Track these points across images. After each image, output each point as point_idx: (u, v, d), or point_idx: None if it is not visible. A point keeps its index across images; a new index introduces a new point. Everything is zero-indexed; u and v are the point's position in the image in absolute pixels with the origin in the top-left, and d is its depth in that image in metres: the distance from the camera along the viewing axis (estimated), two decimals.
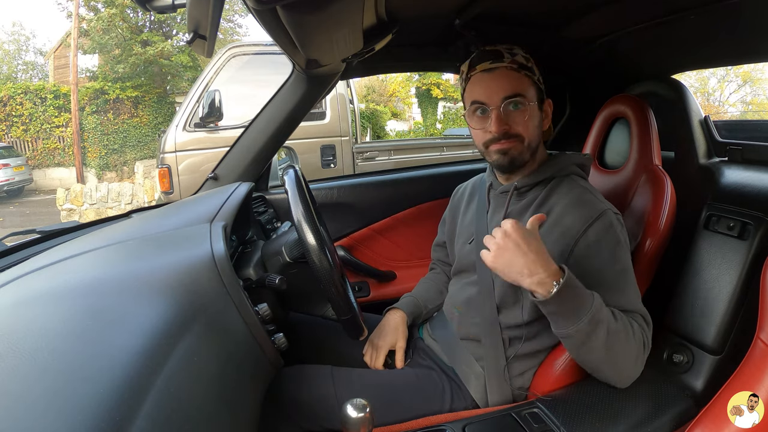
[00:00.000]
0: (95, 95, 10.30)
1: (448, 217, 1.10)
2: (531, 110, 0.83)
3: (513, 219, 0.71)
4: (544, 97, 0.87)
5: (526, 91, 0.83)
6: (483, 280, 0.90)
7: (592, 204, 0.81)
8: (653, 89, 1.35)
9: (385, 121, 12.03)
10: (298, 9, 0.57)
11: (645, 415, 0.83)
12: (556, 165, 0.88)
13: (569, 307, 0.70)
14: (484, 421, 0.80)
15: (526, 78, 0.83)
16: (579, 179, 0.88)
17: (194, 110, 3.25)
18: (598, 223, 0.79)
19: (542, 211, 0.84)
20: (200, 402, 0.48)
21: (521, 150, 0.84)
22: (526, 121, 0.83)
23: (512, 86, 0.82)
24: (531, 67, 0.84)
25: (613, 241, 0.79)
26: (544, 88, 0.88)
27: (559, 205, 0.83)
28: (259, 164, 1.30)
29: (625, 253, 0.81)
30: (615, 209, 0.83)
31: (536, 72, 0.86)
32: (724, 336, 0.90)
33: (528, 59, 0.84)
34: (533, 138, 0.85)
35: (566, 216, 0.81)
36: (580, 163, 0.90)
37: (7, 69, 15.12)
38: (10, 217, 7.58)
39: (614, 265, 0.79)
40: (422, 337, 1.05)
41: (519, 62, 0.83)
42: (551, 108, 0.89)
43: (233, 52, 3.37)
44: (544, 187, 0.87)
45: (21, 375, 0.39)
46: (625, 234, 0.82)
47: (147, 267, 0.61)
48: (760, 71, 14.30)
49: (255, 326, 0.63)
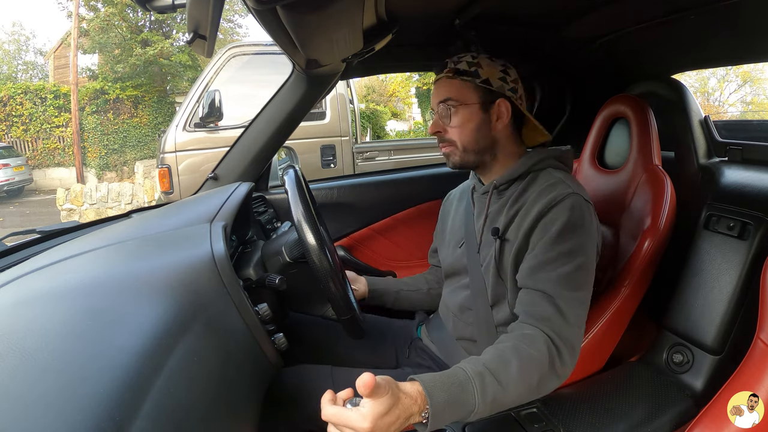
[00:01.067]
0: (95, 95, 10.29)
1: (440, 224, 1.11)
2: (464, 113, 0.86)
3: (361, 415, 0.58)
4: (496, 98, 0.86)
5: (458, 94, 0.86)
6: (475, 281, 0.90)
7: (559, 189, 0.80)
8: (653, 89, 1.35)
9: (385, 121, 12.03)
10: (298, 9, 0.57)
11: (645, 415, 0.83)
12: (532, 160, 0.88)
13: (453, 415, 0.64)
14: (484, 421, 0.80)
15: (462, 83, 0.86)
16: (555, 171, 0.87)
17: (194, 110, 3.25)
18: (560, 204, 0.78)
19: (518, 205, 0.84)
20: (200, 402, 0.48)
21: (458, 154, 0.88)
22: (458, 124, 0.86)
23: (445, 92, 0.87)
24: (474, 71, 0.86)
25: (569, 220, 0.76)
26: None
27: (532, 196, 0.83)
28: (259, 164, 1.30)
29: (578, 235, 0.76)
30: (585, 195, 0.81)
31: (484, 75, 0.85)
32: (724, 336, 0.90)
33: (472, 64, 0.86)
34: (469, 141, 0.87)
35: (535, 204, 0.81)
36: (557, 155, 0.89)
37: (7, 69, 15.12)
38: (10, 217, 7.58)
39: (560, 243, 0.75)
40: (420, 337, 1.05)
41: (458, 69, 0.86)
42: (508, 108, 0.86)
43: (233, 52, 3.37)
44: (521, 182, 0.87)
45: (21, 375, 0.39)
46: (589, 220, 0.79)
47: (147, 267, 0.61)
48: (760, 71, 14.30)
49: (255, 326, 0.63)
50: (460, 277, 0.96)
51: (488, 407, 0.65)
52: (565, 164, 0.90)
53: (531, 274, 0.77)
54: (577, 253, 0.75)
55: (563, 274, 0.74)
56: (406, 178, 1.65)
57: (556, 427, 0.79)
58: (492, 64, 0.88)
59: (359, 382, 0.56)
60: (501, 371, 0.66)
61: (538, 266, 0.76)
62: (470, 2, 0.96)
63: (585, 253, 0.76)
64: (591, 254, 0.78)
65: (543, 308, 0.73)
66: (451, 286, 0.99)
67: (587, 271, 0.77)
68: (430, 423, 0.61)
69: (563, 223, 0.76)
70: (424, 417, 0.61)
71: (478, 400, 0.64)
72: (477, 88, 0.86)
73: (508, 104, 0.87)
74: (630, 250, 0.95)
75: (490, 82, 0.86)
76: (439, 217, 1.11)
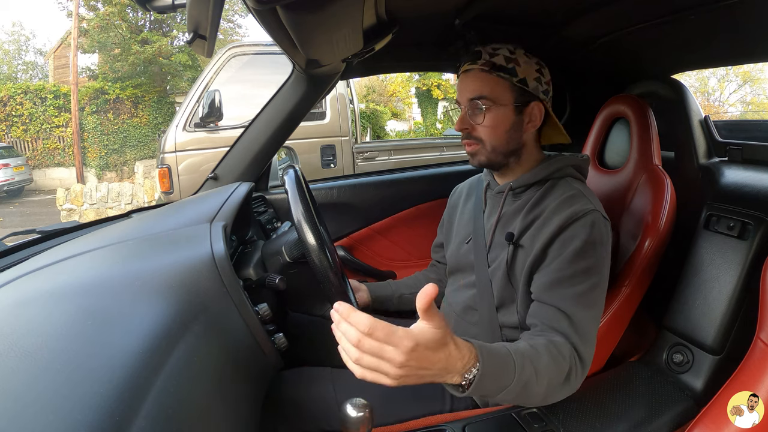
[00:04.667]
0: (95, 95, 10.29)
1: (446, 217, 1.10)
2: (498, 113, 0.81)
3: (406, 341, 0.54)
4: (530, 100, 0.82)
5: (494, 93, 0.81)
6: (481, 280, 0.89)
7: (580, 204, 0.79)
8: (653, 89, 1.35)
9: (385, 121, 12.03)
10: (298, 9, 0.57)
11: (645, 415, 0.83)
12: (552, 166, 0.86)
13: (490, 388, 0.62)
14: (484, 421, 0.80)
15: (498, 79, 0.81)
16: (574, 181, 0.86)
17: (194, 110, 3.25)
18: (580, 220, 0.77)
19: (535, 212, 0.83)
20: (200, 402, 0.48)
21: (485, 154, 0.85)
22: (491, 125, 0.82)
23: (478, 88, 0.81)
24: (511, 68, 0.80)
25: (588, 239, 0.76)
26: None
27: (551, 206, 0.81)
28: (259, 164, 1.30)
29: (596, 254, 0.76)
30: (604, 214, 0.80)
31: (521, 74, 0.81)
32: (724, 336, 0.90)
33: (510, 60, 0.81)
34: (499, 143, 0.83)
35: (554, 216, 0.80)
36: (577, 164, 0.88)
37: (7, 69, 15.12)
38: (10, 217, 7.58)
39: (578, 261, 0.75)
40: None
41: (495, 63, 0.80)
42: (541, 111, 0.83)
43: (233, 52, 3.37)
44: (540, 189, 0.86)
45: (21, 375, 0.39)
46: (606, 238, 0.79)
47: (147, 267, 0.61)
48: (760, 71, 14.30)
49: (255, 326, 0.63)
50: (464, 275, 0.95)
51: (517, 391, 0.63)
52: (583, 174, 0.89)
53: (547, 289, 0.76)
54: (592, 272, 0.75)
55: (579, 292, 0.74)
56: (406, 178, 1.65)
57: (556, 427, 0.79)
58: (529, 61, 0.83)
59: (422, 291, 0.52)
60: (536, 359, 0.66)
61: (555, 282, 0.76)
62: (470, 2, 0.96)
63: (600, 272, 0.76)
64: (606, 272, 0.78)
65: (559, 324, 0.74)
66: (456, 284, 0.98)
67: (601, 289, 0.77)
68: (473, 386, 0.59)
69: (583, 240, 0.76)
70: (466, 379, 0.59)
71: (516, 378, 0.62)
72: (513, 87, 0.81)
73: (541, 107, 0.83)
74: (630, 250, 0.95)
75: (526, 82, 0.81)
76: (446, 211, 1.10)
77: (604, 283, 0.78)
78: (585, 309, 0.74)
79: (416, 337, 0.54)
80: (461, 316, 0.94)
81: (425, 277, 1.15)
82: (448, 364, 0.57)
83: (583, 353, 0.72)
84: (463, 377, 0.59)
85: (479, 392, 0.60)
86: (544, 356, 0.67)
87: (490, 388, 0.61)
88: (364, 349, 0.53)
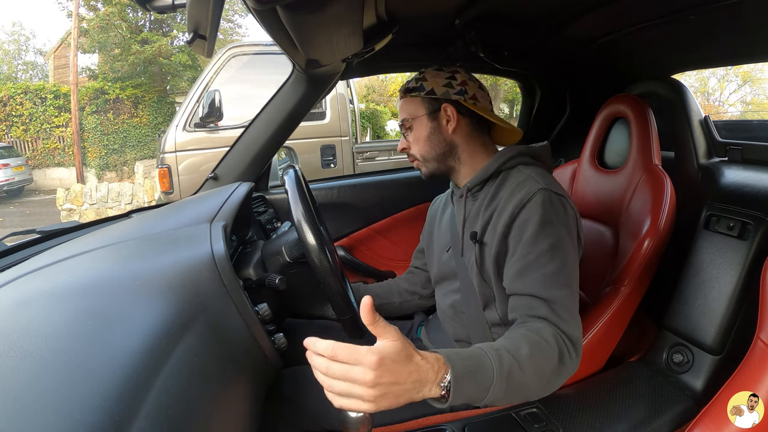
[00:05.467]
0: (95, 95, 10.29)
1: (426, 227, 1.10)
2: (417, 127, 0.92)
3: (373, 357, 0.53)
4: (440, 104, 0.89)
5: (410, 112, 0.92)
6: (464, 285, 0.90)
7: (529, 186, 0.80)
8: (653, 89, 1.35)
9: (385, 121, 12.02)
10: (298, 9, 0.57)
11: (645, 415, 0.83)
12: (500, 159, 0.88)
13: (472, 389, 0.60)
14: (484, 421, 0.80)
15: (411, 99, 0.92)
16: (526, 168, 0.86)
17: (194, 110, 3.25)
18: (531, 202, 0.77)
19: (492, 207, 0.84)
20: (200, 402, 0.48)
21: (423, 164, 0.94)
22: (415, 138, 0.93)
23: (401, 113, 0.94)
24: (419, 86, 0.90)
25: (542, 218, 0.76)
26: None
27: (504, 198, 0.83)
28: (259, 164, 1.30)
29: (555, 231, 0.76)
30: (556, 189, 0.80)
31: (428, 86, 0.90)
32: (724, 336, 0.90)
33: (418, 80, 0.91)
34: (426, 151, 0.92)
35: (507, 205, 0.80)
36: (527, 152, 0.89)
37: (7, 69, 15.13)
38: (10, 217, 7.58)
39: (539, 242, 0.75)
40: (420, 338, 1.05)
41: (408, 88, 0.93)
42: (454, 110, 0.89)
43: (233, 52, 3.37)
44: (494, 183, 0.87)
45: (21, 375, 0.39)
46: (563, 213, 0.78)
47: (147, 267, 0.61)
48: (760, 71, 14.28)
49: (255, 326, 0.63)
50: (450, 282, 0.96)
51: (505, 383, 0.62)
52: (538, 160, 0.90)
53: (517, 278, 0.76)
54: (557, 249, 0.75)
55: (549, 273, 0.73)
56: (406, 178, 1.65)
57: (556, 427, 0.79)
58: (437, 74, 0.91)
59: (362, 308, 0.53)
60: (514, 349, 0.65)
61: (522, 270, 0.75)
62: (470, 2, 0.96)
63: (565, 248, 0.76)
64: (571, 248, 0.77)
65: (538, 309, 0.72)
66: (443, 290, 0.99)
67: (571, 265, 0.76)
68: (452, 393, 0.57)
69: (537, 221, 0.76)
70: (443, 388, 0.57)
71: (496, 371, 0.61)
72: (423, 100, 0.90)
73: (452, 107, 0.89)
74: (630, 250, 0.95)
75: (434, 91, 0.89)
76: (426, 221, 1.11)
77: (573, 258, 0.77)
78: (559, 288, 0.73)
79: (379, 351, 0.53)
80: (453, 319, 0.94)
81: (398, 289, 1.13)
82: (420, 375, 0.56)
83: (571, 332, 0.71)
84: (440, 386, 0.57)
85: (462, 397, 0.59)
86: (524, 346, 0.66)
87: (471, 390, 0.59)
88: (333, 374, 0.53)
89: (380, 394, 0.52)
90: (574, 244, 0.79)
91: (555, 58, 1.45)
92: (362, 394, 0.52)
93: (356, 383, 0.52)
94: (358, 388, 0.52)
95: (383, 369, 0.52)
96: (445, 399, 0.58)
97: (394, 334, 0.55)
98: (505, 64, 1.45)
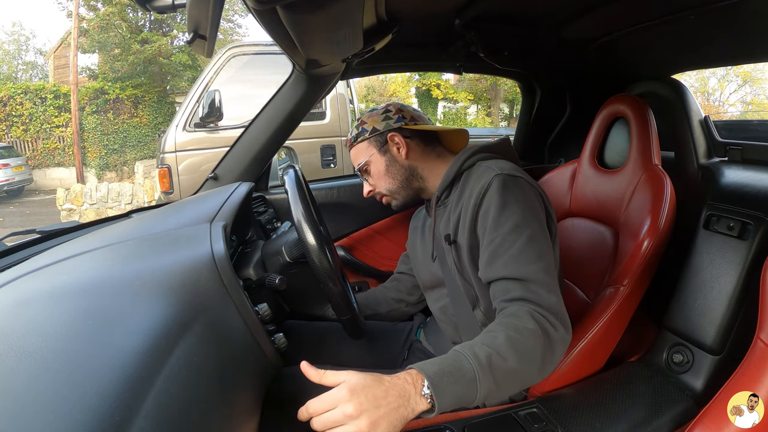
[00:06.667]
0: (95, 95, 10.29)
1: (410, 239, 1.10)
2: (373, 166, 0.96)
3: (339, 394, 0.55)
4: (386, 136, 0.94)
5: (363, 156, 0.96)
6: (452, 289, 0.91)
7: (486, 176, 0.80)
8: (653, 89, 1.35)
9: None
10: (298, 9, 0.57)
11: (645, 415, 0.83)
12: (458, 162, 0.89)
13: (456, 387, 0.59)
14: (484, 420, 0.80)
15: (360, 145, 0.96)
16: (485, 161, 0.87)
17: (194, 110, 3.25)
18: (489, 190, 0.78)
19: (459, 207, 0.85)
20: (200, 402, 0.48)
21: (392, 197, 0.98)
22: (376, 177, 0.97)
23: (355, 161, 0.99)
24: (361, 130, 0.95)
25: (500, 201, 0.76)
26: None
27: (467, 194, 0.84)
28: (259, 164, 1.30)
29: (517, 209, 0.75)
30: (511, 171, 0.80)
31: (369, 126, 0.95)
32: (724, 336, 0.90)
33: (358, 126, 0.96)
34: (390, 183, 0.96)
35: (470, 199, 0.81)
36: (482, 148, 0.90)
37: (7, 69, 15.13)
38: (10, 217, 7.58)
39: (501, 225, 0.75)
40: (419, 340, 1.06)
41: (354, 135, 0.97)
42: (400, 136, 0.93)
43: (233, 52, 3.37)
44: (457, 186, 0.89)
45: (21, 375, 0.39)
46: (521, 192, 0.78)
47: (147, 267, 0.61)
48: (760, 71, 14.28)
49: (255, 326, 0.63)
50: (438, 289, 0.97)
51: (490, 374, 0.61)
52: (496, 153, 0.90)
53: (488, 265, 0.77)
54: (521, 227, 0.74)
55: (515, 253, 0.73)
56: None
57: (555, 427, 0.79)
58: (372, 114, 0.96)
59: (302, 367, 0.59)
60: (489, 340, 0.64)
61: (491, 256, 0.76)
62: (470, 2, 0.96)
63: (529, 225, 0.75)
64: (536, 224, 0.76)
65: (513, 291, 0.72)
66: (434, 296, 0.99)
67: (539, 239, 0.75)
68: (435, 397, 0.57)
69: (496, 205, 0.76)
70: (426, 396, 0.57)
71: (474, 365, 0.60)
72: (370, 140, 0.95)
73: (398, 134, 0.94)
74: (630, 250, 0.95)
75: (375, 128, 0.94)
76: (409, 233, 1.11)
77: (541, 233, 0.76)
78: (530, 263, 0.72)
79: (346, 383, 0.56)
80: (445, 322, 0.96)
81: (384, 298, 1.14)
82: (398, 390, 0.56)
83: (549, 304, 0.70)
84: (423, 396, 0.57)
85: (449, 398, 0.58)
86: (500, 334, 0.65)
87: (455, 389, 0.59)
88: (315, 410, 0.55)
89: (372, 421, 0.53)
90: (539, 218, 0.78)
91: (555, 58, 1.45)
92: (356, 429, 0.53)
93: (345, 423, 0.53)
94: (350, 426, 0.53)
95: (358, 396, 0.54)
96: (434, 406, 0.58)
97: (347, 374, 0.57)
98: (505, 64, 1.45)
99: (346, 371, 0.58)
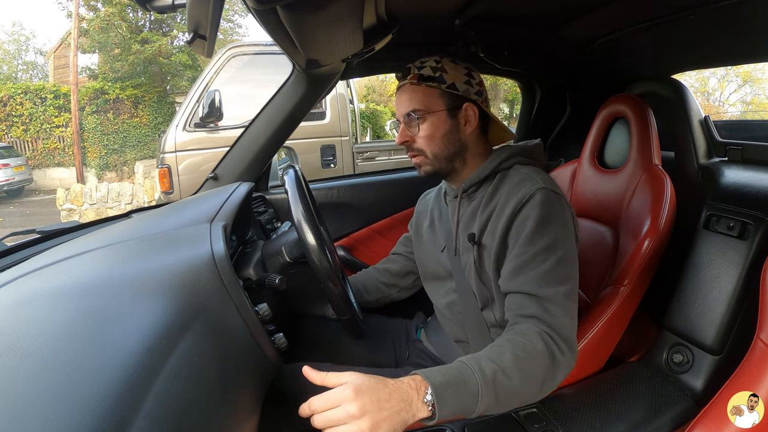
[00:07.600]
0: (95, 95, 10.29)
1: (414, 222, 1.07)
2: (432, 121, 0.84)
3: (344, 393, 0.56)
4: (462, 102, 0.85)
5: (425, 103, 0.84)
6: (461, 286, 0.89)
7: (528, 186, 0.79)
8: (653, 89, 1.35)
9: (385, 121, 12.01)
10: (298, 9, 0.57)
11: (645, 415, 0.83)
12: (497, 159, 0.87)
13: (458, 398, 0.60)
14: (484, 421, 0.80)
15: (428, 89, 0.84)
16: (523, 167, 0.86)
17: (194, 110, 3.25)
18: (530, 201, 0.77)
19: (490, 208, 0.83)
20: (200, 402, 0.48)
21: (429, 163, 0.87)
22: (427, 134, 0.84)
23: (410, 101, 0.85)
24: (439, 76, 0.83)
25: (541, 216, 0.75)
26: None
27: (502, 198, 0.82)
28: (259, 164, 1.30)
29: (554, 230, 0.75)
30: (554, 188, 0.80)
31: (449, 79, 0.83)
32: (724, 336, 0.90)
33: (436, 69, 0.84)
34: (439, 149, 0.85)
35: (506, 205, 0.80)
36: (523, 150, 0.88)
37: (7, 69, 15.14)
38: (10, 217, 7.58)
39: (536, 241, 0.74)
40: (420, 339, 1.05)
41: (422, 75, 0.84)
42: (475, 112, 0.85)
43: (233, 52, 3.37)
44: (491, 184, 0.86)
45: (21, 375, 0.39)
46: (561, 212, 0.78)
47: (147, 267, 0.61)
48: (760, 71, 14.30)
49: (255, 326, 0.63)
50: (445, 282, 0.95)
51: (493, 390, 0.61)
52: (533, 159, 0.89)
53: (512, 277, 0.76)
54: (554, 248, 0.74)
55: (543, 272, 0.73)
56: (406, 178, 1.65)
57: (555, 427, 0.79)
58: (456, 67, 0.86)
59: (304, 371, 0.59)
60: (496, 356, 0.65)
61: (518, 268, 0.75)
62: (470, 2, 0.96)
63: (562, 246, 0.75)
64: (569, 246, 0.77)
65: (529, 308, 0.72)
66: (439, 290, 0.97)
67: (569, 263, 0.76)
68: (436, 406, 0.57)
69: (536, 219, 0.75)
70: (428, 403, 0.58)
71: (479, 379, 0.61)
72: (443, 94, 0.84)
73: (475, 108, 0.85)
74: (630, 250, 0.95)
75: (456, 86, 0.84)
76: (414, 215, 1.09)
77: (571, 257, 0.76)
78: (554, 286, 0.72)
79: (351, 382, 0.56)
80: (450, 319, 0.94)
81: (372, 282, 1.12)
82: (401, 394, 0.57)
83: (561, 328, 0.70)
84: (424, 403, 0.58)
85: (449, 408, 0.59)
86: (507, 351, 0.65)
87: (457, 400, 0.59)
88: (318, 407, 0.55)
89: (374, 423, 0.54)
90: (572, 242, 0.79)
91: (555, 58, 1.45)
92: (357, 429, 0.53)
93: (347, 422, 0.54)
94: (352, 425, 0.53)
95: (362, 396, 0.54)
96: (434, 414, 0.58)
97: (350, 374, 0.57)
98: (505, 64, 1.45)
99: (349, 372, 0.58)
